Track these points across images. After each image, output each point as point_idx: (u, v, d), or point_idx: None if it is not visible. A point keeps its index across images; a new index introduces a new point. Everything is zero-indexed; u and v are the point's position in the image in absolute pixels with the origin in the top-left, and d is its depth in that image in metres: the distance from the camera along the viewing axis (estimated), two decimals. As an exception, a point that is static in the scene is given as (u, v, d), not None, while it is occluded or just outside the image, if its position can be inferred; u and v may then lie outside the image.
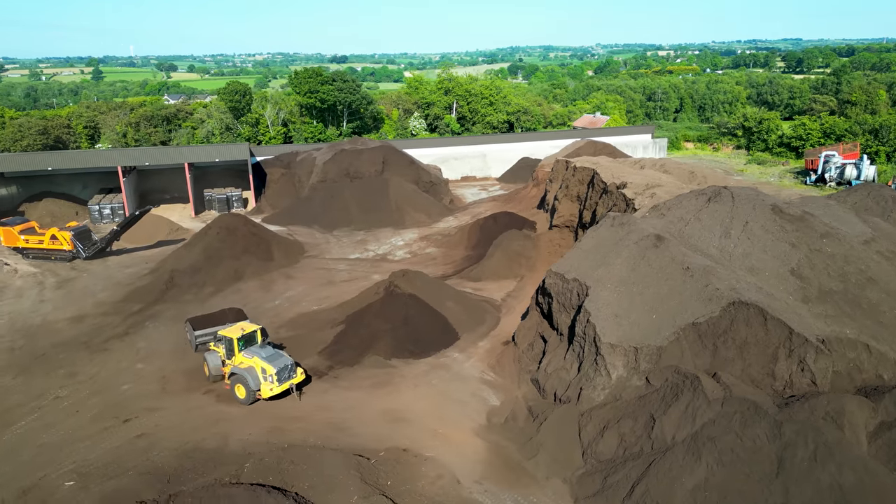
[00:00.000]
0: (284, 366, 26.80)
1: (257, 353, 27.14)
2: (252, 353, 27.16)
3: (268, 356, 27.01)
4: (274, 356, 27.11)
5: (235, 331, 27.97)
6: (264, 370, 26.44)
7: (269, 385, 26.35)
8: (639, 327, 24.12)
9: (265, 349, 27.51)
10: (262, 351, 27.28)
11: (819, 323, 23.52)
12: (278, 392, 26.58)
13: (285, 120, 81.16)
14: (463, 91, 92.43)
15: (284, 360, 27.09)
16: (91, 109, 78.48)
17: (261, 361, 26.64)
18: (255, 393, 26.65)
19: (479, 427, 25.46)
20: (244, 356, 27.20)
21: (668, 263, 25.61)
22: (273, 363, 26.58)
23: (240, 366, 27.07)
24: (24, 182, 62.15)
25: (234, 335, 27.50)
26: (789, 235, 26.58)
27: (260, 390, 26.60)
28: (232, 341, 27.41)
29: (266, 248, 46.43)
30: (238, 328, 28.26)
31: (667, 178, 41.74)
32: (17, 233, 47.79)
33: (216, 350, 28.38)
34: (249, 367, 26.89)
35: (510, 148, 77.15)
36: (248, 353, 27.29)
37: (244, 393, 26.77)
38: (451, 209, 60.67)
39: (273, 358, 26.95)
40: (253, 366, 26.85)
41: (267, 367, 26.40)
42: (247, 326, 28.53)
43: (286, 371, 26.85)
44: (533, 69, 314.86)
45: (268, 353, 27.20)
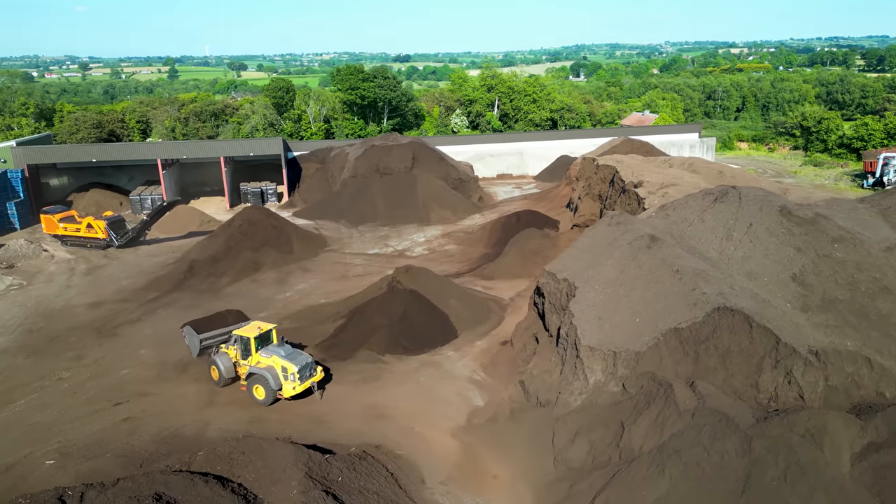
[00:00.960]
0: (305, 363, 26.01)
1: (276, 351, 26.15)
2: (270, 353, 26.23)
3: (287, 354, 26.04)
4: (294, 354, 26.26)
5: (252, 330, 27.00)
6: (285, 369, 25.60)
7: (292, 384, 25.59)
8: (620, 331, 23.09)
9: (284, 347, 26.52)
10: (280, 349, 26.27)
11: (817, 333, 21.91)
12: (300, 391, 25.86)
13: (327, 116, 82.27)
14: (505, 88, 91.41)
15: (304, 357, 26.28)
16: (144, 105, 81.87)
17: (281, 360, 25.74)
18: (275, 393, 25.83)
19: (457, 427, 24.92)
20: (262, 356, 26.34)
21: (659, 265, 24.40)
22: (294, 361, 25.73)
23: (258, 366, 26.22)
24: (75, 173, 65.25)
25: (251, 334, 26.60)
26: (796, 239, 24.88)
27: (281, 390, 25.78)
28: (249, 341, 26.56)
29: (286, 241, 47.07)
30: (254, 327, 27.27)
31: (690, 177, 39.98)
32: (57, 221, 50.08)
33: (226, 352, 27.49)
34: (269, 367, 26.01)
35: (549, 145, 75.79)
36: (265, 352, 26.39)
37: (263, 393, 25.98)
38: (480, 207, 60.05)
39: (293, 356, 26.07)
40: (273, 365, 25.91)
41: (288, 365, 25.56)
42: (262, 325, 27.57)
43: (307, 369, 26.11)
44: (595, 67, 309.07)
45: (287, 352, 26.21)
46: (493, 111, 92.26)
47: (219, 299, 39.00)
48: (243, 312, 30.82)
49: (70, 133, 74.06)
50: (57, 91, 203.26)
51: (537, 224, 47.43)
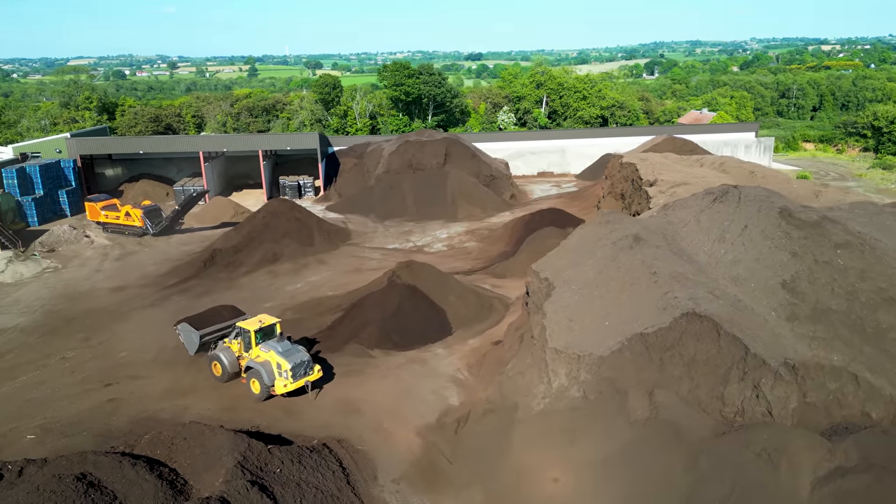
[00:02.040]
0: (300, 362, 25.53)
1: (274, 347, 25.75)
2: (269, 347, 25.84)
3: (284, 351, 25.60)
4: (290, 351, 25.79)
5: (253, 323, 26.92)
6: (280, 365, 25.33)
7: (284, 381, 25.28)
8: (588, 333, 22.04)
9: (282, 343, 26.08)
10: (278, 345, 25.84)
11: (800, 345, 20.22)
12: (292, 389, 25.47)
13: (373, 113, 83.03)
14: (555, 85, 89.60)
15: (301, 355, 25.77)
16: (200, 100, 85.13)
17: (276, 356, 25.41)
18: (269, 388, 25.61)
19: (425, 426, 24.44)
20: (261, 350, 26.23)
21: (637, 267, 23.15)
22: (289, 358, 25.32)
23: (256, 359, 26.13)
24: (128, 164, 68.40)
25: (252, 327, 26.33)
26: (793, 243, 23.06)
27: (273, 386, 25.52)
28: (249, 333, 26.48)
29: (307, 233, 47.69)
30: (256, 320, 27.14)
31: (715, 176, 37.92)
32: (100, 209, 52.56)
33: (229, 346, 27.42)
34: (265, 362, 25.70)
35: (592, 143, 73.78)
36: (265, 346, 26.02)
37: (259, 388, 25.81)
38: (511, 204, 59.08)
39: (289, 353, 25.65)
40: (269, 360, 25.66)
41: (282, 362, 25.22)
42: (265, 319, 27.31)
43: (302, 367, 25.57)
44: (670, 65, 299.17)
45: (284, 348, 25.77)
46: (541, 108, 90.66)
47: (232, 289, 39.93)
48: (237, 307, 30.75)
49: (129, 126, 77.80)
50: (144, 88, 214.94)
51: (560, 223, 46.08)
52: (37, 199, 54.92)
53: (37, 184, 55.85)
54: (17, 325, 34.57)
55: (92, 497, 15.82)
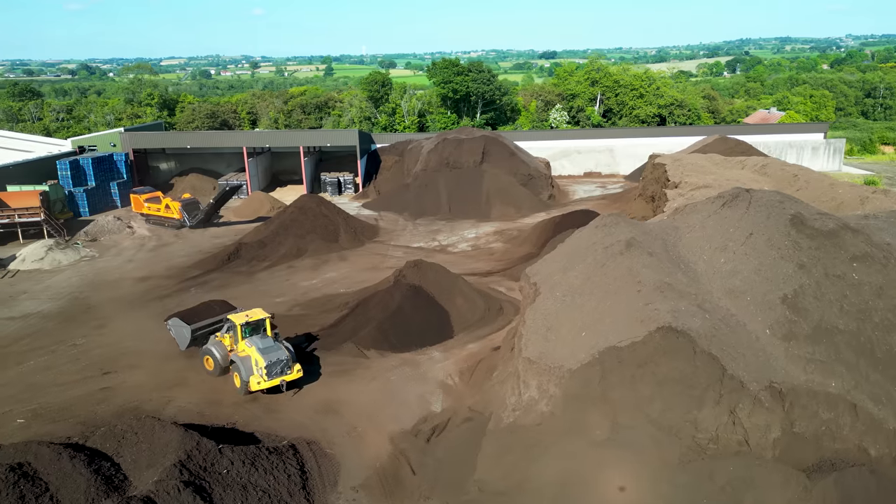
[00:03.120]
0: (277, 360, 25.21)
1: (255, 343, 25.65)
2: (251, 343, 25.76)
3: (263, 348, 25.40)
4: (270, 348, 25.53)
5: (240, 317, 26.79)
6: (257, 362, 25.26)
7: (257, 378, 25.14)
8: (563, 344, 20.60)
9: (264, 340, 25.89)
10: (260, 342, 25.71)
11: (793, 367, 18.16)
12: (266, 387, 25.22)
13: (422, 110, 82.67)
14: (610, 82, 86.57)
15: (279, 353, 25.42)
16: (255, 97, 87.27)
17: (256, 353, 25.32)
18: (245, 384, 25.51)
19: (399, 432, 23.57)
20: (245, 344, 26.02)
21: (624, 275, 21.49)
22: (265, 356, 25.10)
23: (240, 354, 26.21)
24: (181, 158, 70.72)
25: (239, 321, 26.15)
26: (801, 254, 20.82)
27: (249, 382, 25.35)
28: (236, 326, 26.33)
29: (333, 230, 47.69)
30: (244, 315, 26.95)
31: (751, 179, 35.26)
32: (143, 201, 54.41)
33: (221, 340, 27.39)
34: (245, 357, 25.63)
35: (643, 143, 70.74)
36: (249, 341, 25.89)
37: (239, 383, 25.85)
38: (548, 205, 57.31)
39: (268, 350, 25.37)
40: (249, 355, 25.61)
41: (259, 359, 25.12)
42: (254, 314, 27.06)
43: (278, 366, 25.24)
44: (754, 63, 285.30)
45: (265, 345, 25.56)
46: (595, 106, 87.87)
47: (249, 282, 40.29)
48: (228, 302, 30.78)
49: (187, 122, 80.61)
50: (225, 86, 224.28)
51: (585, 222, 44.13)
52: (88, 190, 57.42)
53: (89, 175, 58.42)
54: (40, 311, 35.96)
55: (21, 488, 15.84)
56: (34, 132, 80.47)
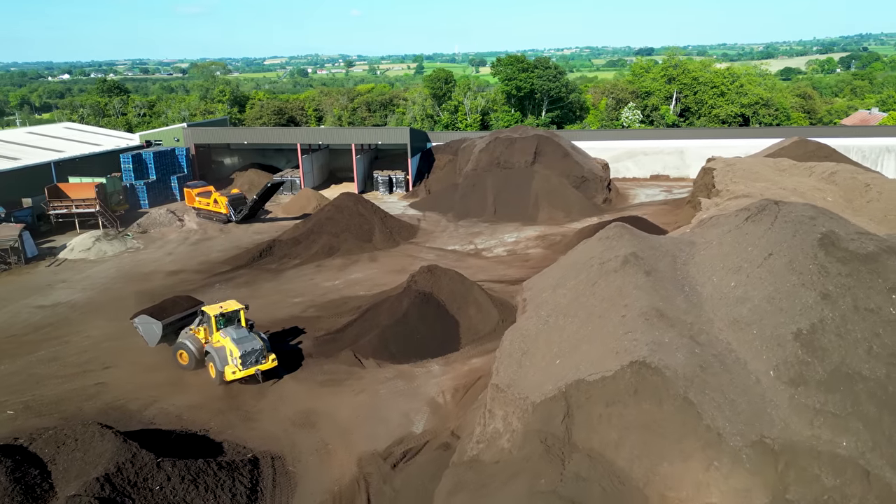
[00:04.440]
0: (252, 349, 25.52)
1: (230, 333, 25.99)
2: (226, 334, 26.11)
3: (238, 338, 25.69)
4: (244, 338, 25.84)
5: (215, 308, 27.21)
6: (231, 352, 25.56)
7: (233, 368, 25.43)
8: (535, 371, 18.29)
9: (238, 330, 26.20)
10: (234, 332, 26.03)
11: (797, 420, 15.09)
12: (241, 377, 25.54)
13: (486, 108, 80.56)
14: (689, 79, 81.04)
15: (254, 343, 25.77)
16: (323, 94, 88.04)
17: (230, 343, 25.64)
18: (220, 375, 25.80)
19: (370, 453, 21.88)
20: (220, 335, 26.43)
21: (613, 296, 18.86)
22: (240, 346, 25.40)
23: (214, 345, 26.43)
24: (243, 153, 72.18)
25: (213, 312, 26.66)
26: (828, 281, 17.48)
27: (224, 372, 25.64)
28: (210, 318, 26.64)
29: (368, 229, 46.65)
30: (217, 306, 27.38)
31: (812, 188, 31.14)
32: (195, 195, 55.55)
33: (194, 333, 27.56)
34: (220, 347, 25.98)
35: (718, 145, 65.47)
36: (223, 332, 26.27)
37: (214, 373, 26.24)
38: (602, 209, 53.93)
39: (242, 340, 25.69)
40: (224, 346, 25.92)
41: (234, 349, 25.42)
42: (228, 305, 27.48)
43: (253, 355, 25.57)
44: (871, 59, 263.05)
45: (239, 335, 25.85)
46: (671, 105, 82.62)
47: (273, 280, 39.86)
48: (194, 297, 30.73)
49: (255, 118, 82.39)
50: (318, 85, 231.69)
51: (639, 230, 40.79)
52: (149, 184, 59.30)
53: (150, 169, 60.36)
54: (70, 301, 36.91)
55: (-68, 492, 15.38)
56: (116, 126, 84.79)
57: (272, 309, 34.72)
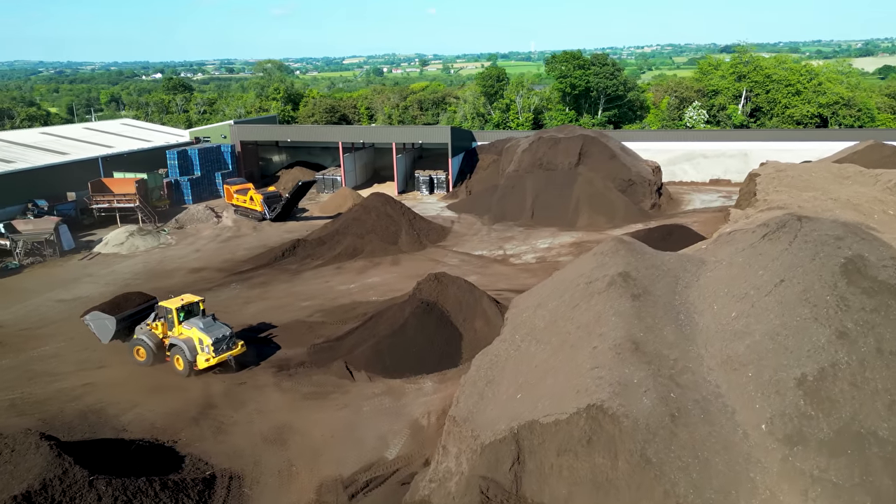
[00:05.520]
0: (222, 336, 26.29)
1: (195, 323, 26.57)
2: (191, 325, 26.70)
3: (206, 327, 26.40)
4: (212, 327, 26.59)
5: (175, 301, 27.62)
6: (201, 341, 26.07)
7: (205, 356, 25.98)
8: (495, 405, 16.11)
9: (204, 320, 26.84)
10: (200, 322, 26.65)
11: (787, 489, 12.34)
12: (214, 363, 26.09)
13: (540, 107, 77.62)
14: (761, 77, 75.28)
15: (222, 330, 26.57)
16: (375, 92, 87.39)
17: (198, 332, 26.17)
18: (192, 365, 26.25)
19: (333, 479, 20.22)
20: (184, 327, 26.80)
21: (591, 322, 16.41)
22: (210, 333, 26.08)
23: (179, 337, 26.77)
24: (291, 151, 72.34)
25: (174, 305, 27.17)
26: (847, 316, 14.48)
27: (196, 362, 26.17)
28: (171, 311, 27.02)
29: (395, 231, 45.14)
30: (178, 299, 27.82)
31: (874, 199, 27.29)
32: (233, 192, 55.67)
33: (150, 329, 27.65)
34: (187, 339, 26.45)
35: (786, 148, 60.41)
36: (187, 324, 26.85)
37: (182, 364, 26.55)
38: (649, 215, 50.37)
39: (210, 328, 26.42)
40: (191, 336, 26.39)
41: (204, 337, 25.99)
42: (187, 298, 27.96)
43: (223, 342, 26.33)
44: None
45: (206, 324, 26.58)
46: (739, 104, 77.06)
47: (290, 281, 38.97)
48: (146, 293, 30.83)
49: (307, 116, 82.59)
50: (391, 83, 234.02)
51: (671, 243, 37.45)
52: (193, 180, 60.06)
53: (195, 165, 61.11)
54: (89, 295, 37.07)
55: None
56: (178, 123, 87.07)
57: (278, 312, 33.72)
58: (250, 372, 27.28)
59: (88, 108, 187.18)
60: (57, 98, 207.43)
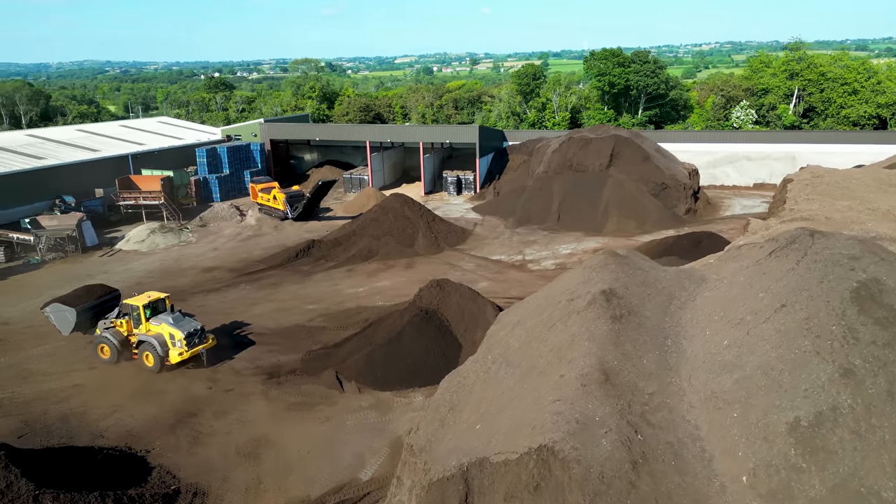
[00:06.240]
0: (193, 330, 26.36)
1: (165, 319, 26.50)
2: (160, 321, 26.54)
3: (176, 321, 26.41)
4: (183, 321, 26.63)
5: (142, 298, 27.38)
6: (172, 336, 26.09)
7: (178, 350, 26.00)
8: (452, 436, 14.59)
9: (173, 315, 26.81)
10: (168, 317, 26.60)
11: (764, 559, 10.45)
12: (188, 356, 26.17)
13: (578, 106, 75.15)
14: (814, 75, 70.93)
15: (193, 324, 26.70)
16: (411, 91, 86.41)
17: (169, 327, 26.18)
18: (163, 360, 26.20)
19: (300, 499, 19.10)
20: (152, 324, 26.64)
21: (562, 346, 14.71)
22: (181, 328, 26.14)
23: (147, 333, 26.62)
24: (322, 150, 71.96)
25: (141, 302, 26.95)
26: (854, 351, 12.41)
27: (168, 357, 26.14)
28: (138, 309, 26.85)
29: (412, 233, 43.89)
30: (145, 296, 27.68)
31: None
32: (258, 190, 55.42)
33: (114, 326, 27.43)
34: (157, 334, 26.36)
35: (839, 151, 56.51)
36: (155, 320, 26.70)
37: (153, 361, 26.42)
38: (683, 220, 47.69)
39: (181, 323, 26.46)
40: (161, 332, 26.33)
41: (175, 332, 26.02)
42: (153, 294, 27.98)
43: (195, 336, 26.40)
44: None
45: (176, 319, 26.58)
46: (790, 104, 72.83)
47: (299, 283, 38.18)
48: (108, 285, 30.96)
49: (341, 115, 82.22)
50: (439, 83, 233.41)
51: (700, 252, 35.00)
52: (221, 178, 60.18)
53: (223, 163, 61.25)
54: (99, 294, 37.06)
55: None
56: (216, 121, 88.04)
57: (280, 315, 32.89)
58: (239, 378, 26.48)
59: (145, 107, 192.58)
60: (117, 97, 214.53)
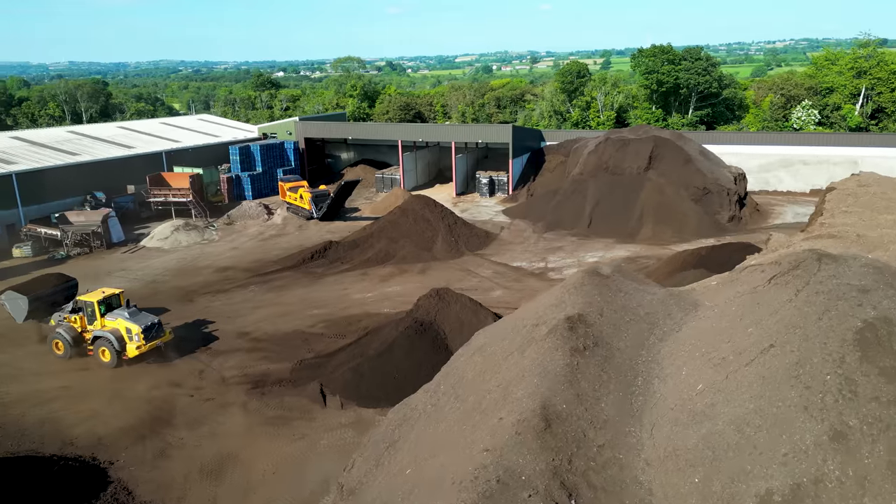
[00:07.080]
0: (150, 324, 26.52)
1: (120, 314, 26.49)
2: (115, 316, 26.53)
3: (132, 316, 26.42)
4: (139, 316, 26.72)
5: (96, 294, 27.33)
6: (129, 330, 26.16)
7: (136, 344, 26.14)
8: (384, 477, 12.88)
9: (129, 310, 26.80)
10: (124, 312, 26.59)
11: None
12: (146, 350, 26.34)
13: (624, 105, 71.84)
14: (885, 73, 65.43)
15: (149, 318, 26.81)
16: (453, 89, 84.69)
17: (125, 322, 26.20)
18: (121, 355, 26.28)
19: (259, 524, 17.77)
20: (107, 319, 26.63)
21: (510, 382, 12.76)
22: (138, 322, 26.23)
23: (105, 329, 26.46)
24: (359, 149, 71.13)
25: (95, 298, 26.90)
26: (852, 409, 10.04)
27: (125, 351, 26.24)
28: (93, 305, 26.76)
29: (430, 236, 42.24)
30: (99, 292, 27.58)
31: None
32: (287, 189, 54.90)
33: (68, 322, 27.43)
34: (113, 329, 26.36)
35: (907, 155, 51.68)
36: (111, 316, 26.67)
37: (109, 356, 26.41)
38: (725, 228, 44.36)
39: (137, 317, 26.54)
40: (117, 327, 26.33)
41: (132, 326, 26.10)
42: (108, 290, 27.85)
43: (152, 330, 26.57)
44: None
45: (132, 314, 26.59)
46: (857, 104, 67.45)
47: (309, 286, 37.16)
48: (65, 274, 31.31)
49: (381, 113, 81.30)
50: (500, 83, 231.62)
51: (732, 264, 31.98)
52: (253, 176, 60.06)
53: (256, 161, 61.11)
54: (111, 291, 36.94)
55: None
56: (260, 119, 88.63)
57: (283, 320, 31.84)
58: (223, 387, 25.47)
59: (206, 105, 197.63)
60: (184, 94, 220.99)
